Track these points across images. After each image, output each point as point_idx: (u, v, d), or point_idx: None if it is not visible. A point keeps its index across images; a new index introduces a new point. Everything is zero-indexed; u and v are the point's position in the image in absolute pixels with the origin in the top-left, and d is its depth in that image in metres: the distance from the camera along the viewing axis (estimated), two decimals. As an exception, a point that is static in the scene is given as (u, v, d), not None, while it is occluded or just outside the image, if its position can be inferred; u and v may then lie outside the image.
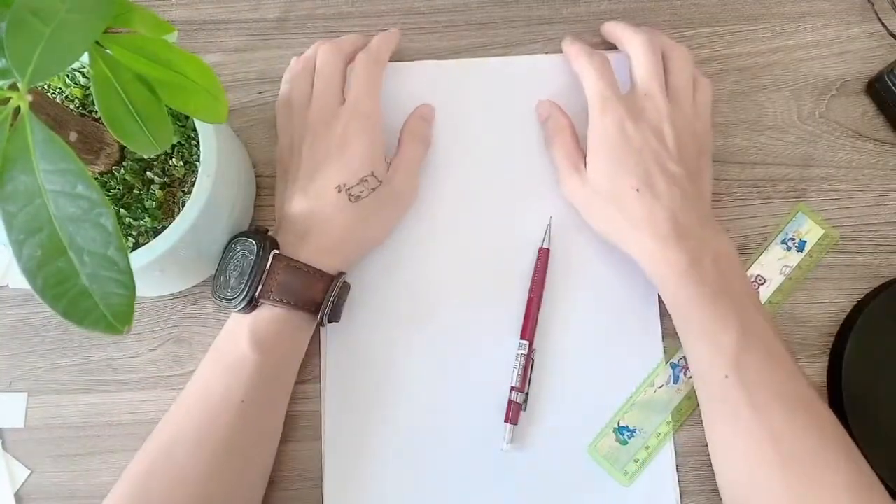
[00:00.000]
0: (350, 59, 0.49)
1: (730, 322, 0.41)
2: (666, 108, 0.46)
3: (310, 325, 0.47)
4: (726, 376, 0.41)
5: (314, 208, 0.45)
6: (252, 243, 0.44)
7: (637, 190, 0.44)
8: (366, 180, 0.46)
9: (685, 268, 0.43)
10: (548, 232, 0.49)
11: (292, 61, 0.51)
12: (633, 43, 0.48)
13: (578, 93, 0.49)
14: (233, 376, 0.43)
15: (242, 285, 0.43)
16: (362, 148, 0.46)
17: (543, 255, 0.49)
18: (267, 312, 0.44)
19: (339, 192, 0.45)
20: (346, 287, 0.47)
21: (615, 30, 0.50)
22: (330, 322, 0.46)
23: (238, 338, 0.44)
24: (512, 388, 0.47)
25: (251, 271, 0.43)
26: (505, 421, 0.47)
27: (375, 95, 0.48)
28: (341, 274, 0.46)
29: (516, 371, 0.47)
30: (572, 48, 0.50)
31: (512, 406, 0.47)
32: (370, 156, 0.46)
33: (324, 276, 0.44)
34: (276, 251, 0.44)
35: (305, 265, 0.44)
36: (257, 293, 0.43)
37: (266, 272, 0.43)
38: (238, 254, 0.45)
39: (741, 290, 0.43)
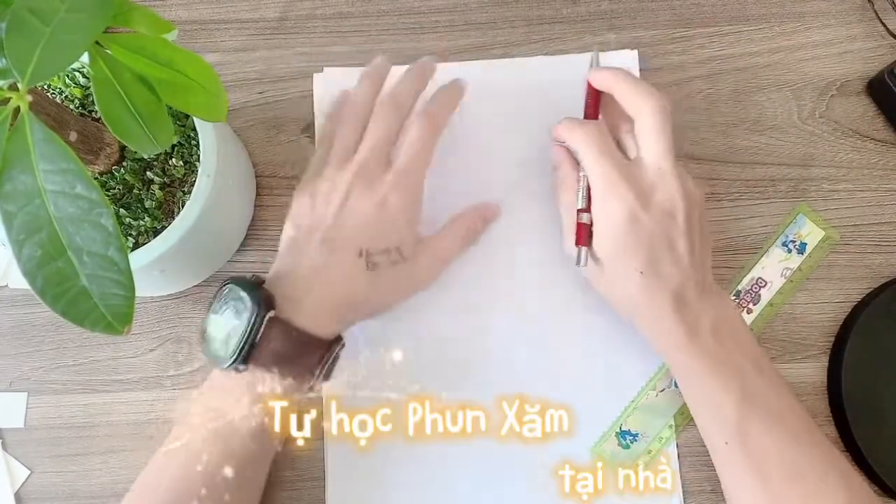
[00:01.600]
0: (408, 114, 0.46)
1: (730, 391, 0.41)
2: (678, 187, 0.43)
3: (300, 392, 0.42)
4: (726, 443, 0.41)
5: (328, 263, 0.42)
6: (246, 299, 0.39)
7: (641, 273, 0.42)
8: (388, 251, 0.43)
9: (684, 341, 0.42)
10: (593, 62, 0.47)
11: (337, 95, 0.47)
12: (644, 108, 0.43)
13: (577, 96, 0.49)
14: (221, 443, 0.40)
15: (232, 350, 0.39)
16: (399, 220, 0.43)
17: (590, 89, 0.47)
18: (257, 377, 0.40)
19: (360, 256, 0.42)
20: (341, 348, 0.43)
21: (620, 83, 0.44)
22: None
23: (227, 401, 0.40)
24: (579, 211, 0.45)
25: (243, 335, 0.39)
26: (577, 244, 0.45)
27: (425, 166, 0.45)
28: (339, 339, 0.42)
29: (580, 193, 0.45)
30: (562, 125, 0.46)
31: (581, 228, 0.45)
32: (404, 230, 0.44)
33: (321, 343, 0.41)
34: (272, 313, 0.40)
35: (302, 332, 0.40)
36: (248, 358, 0.39)
37: (259, 337, 0.39)
38: (229, 307, 0.40)
39: (742, 354, 0.42)
